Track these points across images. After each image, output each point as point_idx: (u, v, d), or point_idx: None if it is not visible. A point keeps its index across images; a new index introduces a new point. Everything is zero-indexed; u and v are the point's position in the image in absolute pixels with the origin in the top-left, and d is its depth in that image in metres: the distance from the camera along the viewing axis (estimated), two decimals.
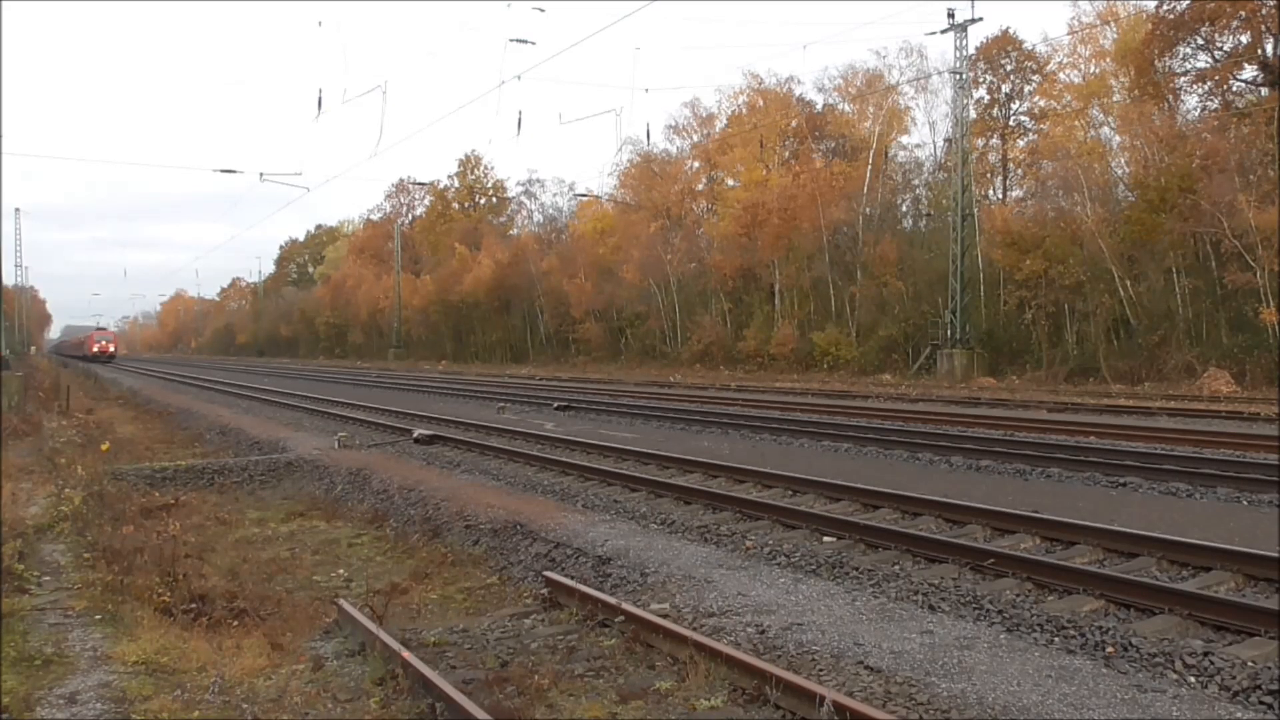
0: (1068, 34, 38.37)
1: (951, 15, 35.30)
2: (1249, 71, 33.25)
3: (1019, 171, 44.72)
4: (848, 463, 13.91)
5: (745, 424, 18.75)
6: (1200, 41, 33.47)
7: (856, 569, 7.81)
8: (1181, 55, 34.12)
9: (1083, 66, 38.26)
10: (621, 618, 6.59)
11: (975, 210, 37.57)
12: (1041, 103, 41.88)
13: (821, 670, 5.62)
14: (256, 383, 40.09)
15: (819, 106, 50.55)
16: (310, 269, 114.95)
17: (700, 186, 56.01)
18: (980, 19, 39.21)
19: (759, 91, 51.32)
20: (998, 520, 8.99)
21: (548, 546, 9.39)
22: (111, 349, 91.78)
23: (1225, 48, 33.29)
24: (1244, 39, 32.62)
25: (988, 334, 36.53)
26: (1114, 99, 35.98)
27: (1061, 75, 39.86)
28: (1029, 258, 33.26)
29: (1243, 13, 31.30)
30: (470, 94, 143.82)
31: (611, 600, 6.92)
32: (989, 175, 45.11)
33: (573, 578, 7.91)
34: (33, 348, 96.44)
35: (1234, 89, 33.66)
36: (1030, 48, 42.90)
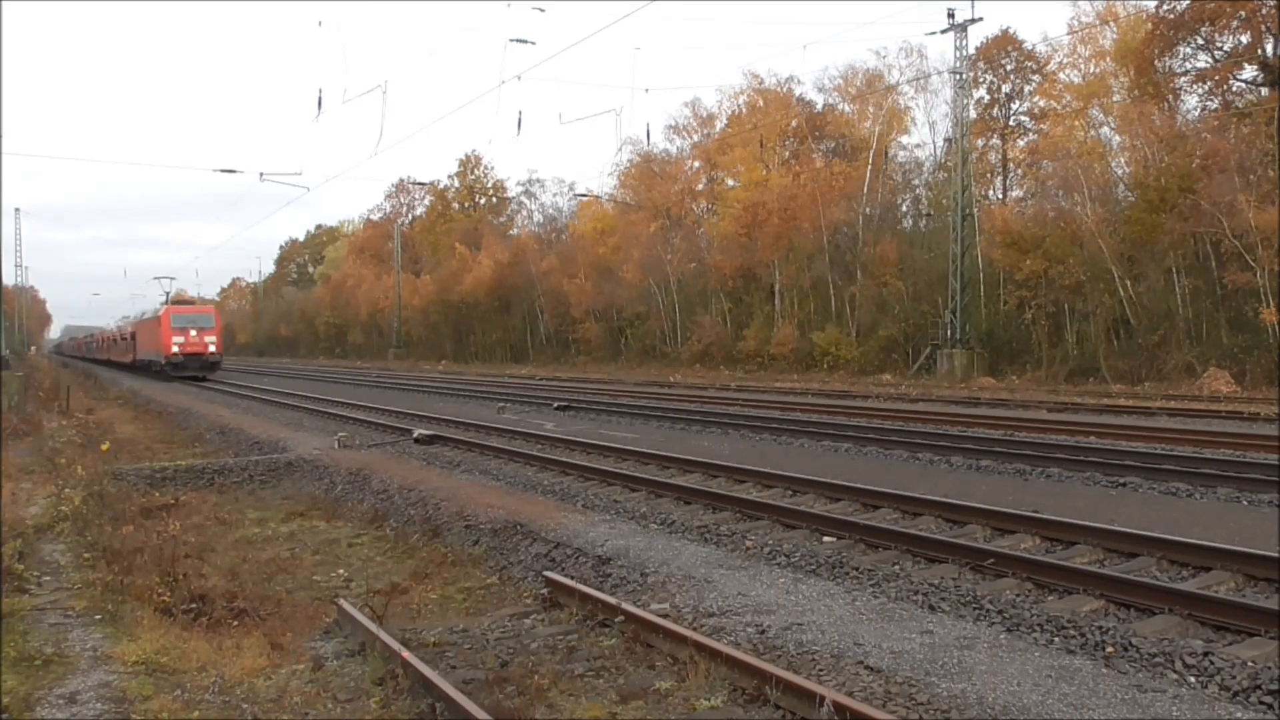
0: (1068, 34, 38.43)
1: (951, 15, 35.30)
2: (1249, 71, 33.27)
3: (1019, 171, 44.73)
4: (848, 463, 13.91)
5: (745, 424, 18.75)
6: (1200, 41, 33.47)
7: (856, 569, 7.81)
8: (1181, 55, 34.14)
9: (1083, 66, 38.28)
10: (621, 618, 6.59)
11: (975, 210, 37.57)
12: (1041, 103, 41.89)
13: (821, 670, 5.62)
14: (256, 382, 40.05)
15: (819, 106, 50.56)
16: (310, 269, 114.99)
17: (700, 186, 56.00)
18: (980, 19, 39.23)
19: (759, 91, 51.32)
20: (998, 520, 8.99)
21: (548, 546, 9.39)
22: (212, 346, 44.56)
23: (1225, 48, 33.31)
24: (1244, 39, 32.62)
25: (988, 334, 36.53)
26: (1114, 99, 35.96)
27: (1061, 75, 39.89)
28: (1029, 258, 33.25)
29: (1243, 13, 31.28)
30: (470, 94, 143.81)
31: (611, 600, 6.92)
32: (989, 175, 45.12)
33: (573, 578, 7.91)
34: (33, 347, 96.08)
35: (1234, 89, 33.67)
36: (1030, 48, 42.99)
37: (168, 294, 51.57)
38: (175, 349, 42.64)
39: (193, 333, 43.39)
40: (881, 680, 5.40)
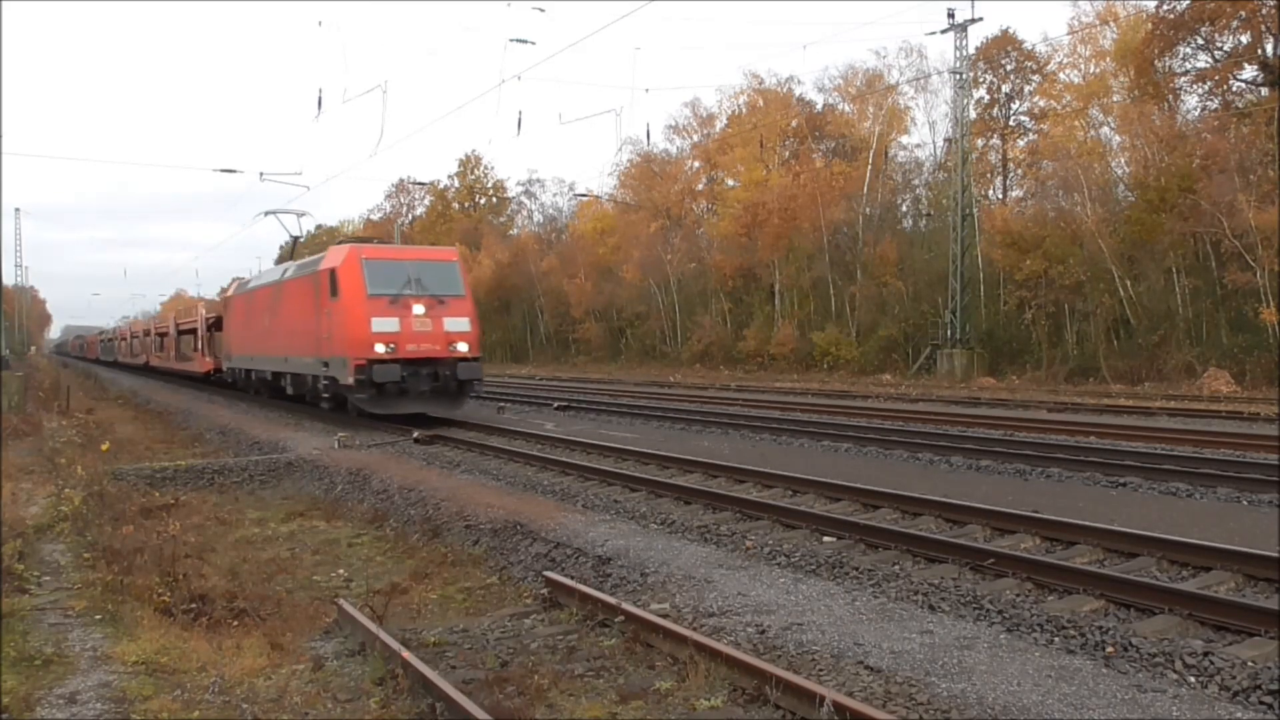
0: (1068, 34, 38.47)
1: (951, 15, 35.31)
2: (1249, 71, 33.27)
3: (1019, 171, 44.73)
4: (848, 463, 13.90)
5: (745, 424, 18.74)
6: (1200, 41, 33.47)
7: (856, 569, 7.81)
8: (1181, 55, 34.13)
9: (1083, 66, 38.31)
10: (621, 618, 6.59)
11: (975, 210, 37.57)
12: (1041, 103, 41.90)
13: (821, 670, 5.62)
14: None
15: (819, 106, 50.58)
16: None
17: (700, 186, 56.01)
18: (980, 19, 39.30)
19: (759, 91, 51.34)
20: (998, 520, 8.99)
21: (548, 546, 9.39)
22: (464, 343, 18.64)
23: (1225, 48, 33.31)
24: (1244, 39, 32.62)
25: (988, 334, 36.53)
26: (1114, 99, 35.98)
27: (1061, 75, 39.92)
28: (1029, 258, 33.25)
29: (1243, 13, 31.28)
30: (470, 94, 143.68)
31: (611, 600, 6.91)
32: (989, 175, 45.11)
33: (573, 578, 7.91)
34: (33, 347, 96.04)
35: (1234, 89, 33.66)
36: (1030, 48, 42.97)
37: (296, 239, 27.09)
38: (382, 346, 18.36)
39: (418, 309, 18.78)
40: (881, 680, 5.40)
